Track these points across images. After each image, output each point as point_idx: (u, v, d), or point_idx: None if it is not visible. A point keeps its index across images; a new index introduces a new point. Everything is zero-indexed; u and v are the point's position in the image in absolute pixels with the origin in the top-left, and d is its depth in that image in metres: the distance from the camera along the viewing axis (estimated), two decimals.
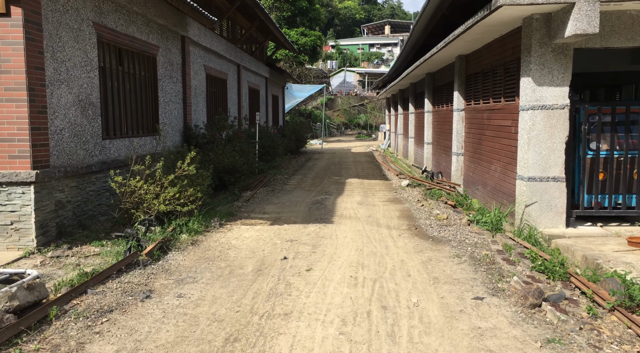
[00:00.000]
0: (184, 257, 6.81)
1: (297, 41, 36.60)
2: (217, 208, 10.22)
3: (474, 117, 12.22)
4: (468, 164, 12.72)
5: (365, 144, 37.70)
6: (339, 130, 52.18)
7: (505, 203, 9.56)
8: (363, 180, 16.05)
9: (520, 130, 8.61)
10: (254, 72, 21.61)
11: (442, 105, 16.07)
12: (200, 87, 14.58)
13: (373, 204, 11.27)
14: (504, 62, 9.94)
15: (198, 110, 14.34)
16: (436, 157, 16.82)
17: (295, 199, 12.01)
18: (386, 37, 78.25)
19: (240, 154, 13.10)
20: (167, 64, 11.98)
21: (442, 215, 9.67)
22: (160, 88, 11.61)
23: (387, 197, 12.49)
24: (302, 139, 26.78)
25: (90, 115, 8.63)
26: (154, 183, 8.04)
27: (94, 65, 8.78)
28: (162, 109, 11.77)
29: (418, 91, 20.84)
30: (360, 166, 20.69)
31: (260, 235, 8.24)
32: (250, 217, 9.82)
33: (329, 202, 11.48)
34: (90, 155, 8.63)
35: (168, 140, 12.07)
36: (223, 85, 17.20)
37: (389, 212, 10.35)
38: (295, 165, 20.60)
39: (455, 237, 8.14)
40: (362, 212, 10.31)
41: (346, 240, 7.87)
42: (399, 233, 8.46)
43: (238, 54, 18.50)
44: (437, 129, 16.71)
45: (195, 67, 14.11)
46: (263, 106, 24.01)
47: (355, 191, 13.46)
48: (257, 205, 11.18)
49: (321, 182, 15.54)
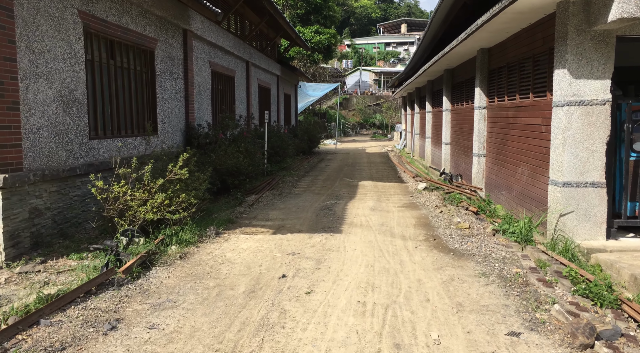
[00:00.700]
0: (168, 274, 5.92)
1: (312, 39, 35.66)
2: (215, 215, 9.35)
3: (497, 115, 11.18)
4: (491, 166, 11.67)
5: (380, 144, 36.64)
6: (354, 130, 51.15)
7: (535, 211, 8.52)
8: (377, 182, 15.07)
9: (554, 129, 7.58)
10: (264, 69, 20.73)
11: (461, 103, 15.01)
12: (205, 84, 13.74)
13: (387, 210, 10.29)
14: (533, 54, 8.91)
15: (202, 109, 13.50)
16: (455, 158, 15.76)
17: (302, 204, 11.08)
18: (402, 35, 76.86)
19: (245, 155, 12.22)
20: (166, 59, 11.14)
21: (463, 223, 8.66)
22: (158, 84, 10.77)
23: (402, 201, 11.50)
24: (315, 139, 25.83)
25: (74, 112, 7.81)
26: (142, 188, 7.19)
27: (80, 57, 7.96)
28: (161, 106, 10.94)
29: (435, 89, 19.78)
30: (374, 167, 19.70)
31: (259, 247, 7.33)
32: (252, 224, 8.91)
33: (338, 208, 10.53)
34: (75, 156, 7.81)
35: (168, 140, 11.24)
36: (230, 83, 16.34)
37: (404, 219, 9.36)
38: (307, 166, 19.68)
39: (479, 250, 7.13)
40: (374, 219, 9.34)
41: (355, 254, 6.91)
42: (415, 245, 7.48)
43: (247, 50, 17.64)
44: (456, 129, 15.64)
45: (199, 62, 13.26)
46: (274, 105, 23.13)
47: (368, 195, 12.49)
48: (260, 210, 10.28)
49: (332, 184, 14.59)
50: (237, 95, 16.95)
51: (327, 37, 36.55)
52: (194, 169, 8.53)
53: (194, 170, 8.52)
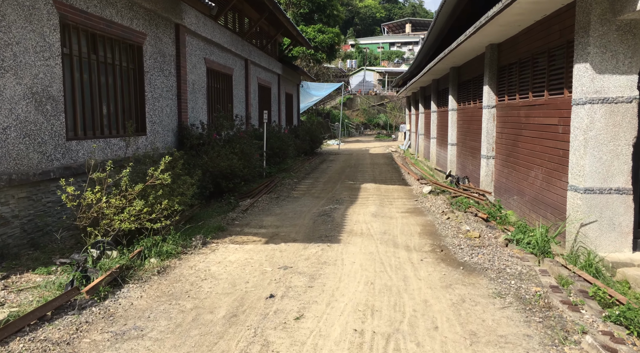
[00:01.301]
0: (141, 293, 5.21)
1: (315, 38, 34.88)
2: (205, 221, 8.63)
3: (507, 115, 10.42)
4: (500, 169, 10.92)
5: (384, 144, 35.86)
6: (358, 130, 50.37)
7: (550, 218, 7.77)
8: (380, 185, 14.32)
9: (574, 129, 6.82)
10: (264, 68, 20.01)
11: (468, 102, 14.25)
12: (200, 82, 13.03)
13: (390, 216, 9.54)
14: (548, 48, 8.15)
15: (197, 108, 12.80)
16: (461, 160, 14.99)
17: (300, 209, 10.35)
18: (407, 35, 75.92)
19: (240, 156, 11.51)
20: (156, 55, 10.44)
21: (473, 232, 7.90)
22: (147, 81, 10.08)
23: (406, 206, 10.75)
24: (317, 140, 25.07)
25: (49, 111, 7.12)
26: (119, 194, 6.48)
27: (55, 51, 7.26)
28: (151, 105, 10.24)
29: (441, 88, 19.01)
30: (377, 169, 18.94)
31: (249, 259, 6.61)
32: (243, 232, 8.19)
33: (338, 214, 9.79)
34: (49, 159, 7.11)
35: (158, 141, 10.54)
36: (228, 81, 15.63)
37: (408, 226, 8.62)
38: (308, 167, 18.94)
39: (492, 263, 6.38)
40: (376, 226, 8.59)
41: (354, 268, 6.18)
42: (420, 257, 6.74)
43: (246, 48, 16.92)
44: (463, 129, 14.88)
45: (194, 59, 12.56)
46: (275, 105, 22.41)
47: (370, 199, 11.75)
48: (254, 216, 9.55)
49: (333, 187, 13.85)
50: (236, 94, 16.24)
51: (330, 36, 35.76)
52: (180, 173, 7.82)
53: (180, 173, 7.81)
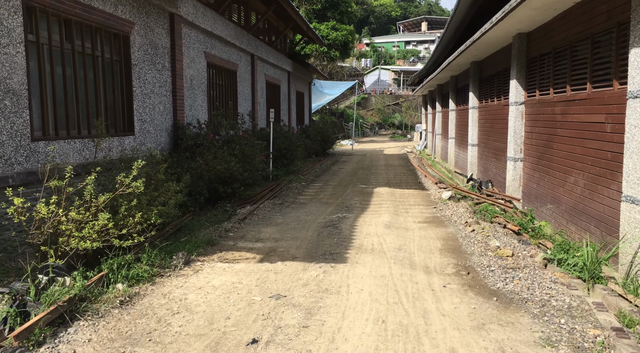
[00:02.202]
0: (91, 335, 4.10)
1: (328, 36, 33.74)
2: (193, 234, 7.51)
3: (539, 112, 9.15)
4: (530, 173, 9.65)
5: (399, 144, 34.55)
6: (372, 130, 49.07)
7: (596, 233, 6.52)
8: (394, 189, 13.12)
9: (630, 128, 5.57)
10: (273, 64, 18.90)
11: (491, 99, 12.96)
12: (199, 78, 11.96)
13: (405, 227, 8.34)
14: (591, 34, 6.89)
15: (195, 106, 11.73)
16: (483, 162, 13.70)
17: (305, 218, 9.20)
18: (423, 34, 74.26)
19: (240, 158, 10.40)
20: (147, 46, 9.38)
21: (504, 249, 6.67)
22: (136, 76, 9.02)
23: (424, 215, 9.53)
24: (329, 140, 23.89)
25: (7, 107, 6.07)
26: (81, 206, 5.39)
27: (16, 38, 6.21)
28: (140, 102, 9.18)
29: (460, 85, 17.71)
30: (392, 171, 17.71)
31: (236, 284, 5.48)
32: (236, 247, 7.06)
33: (346, 224, 8.61)
34: (7, 162, 6.07)
35: (149, 142, 9.47)
36: (232, 78, 14.55)
37: (427, 241, 7.41)
38: (318, 169, 17.79)
39: (532, 292, 5.16)
40: (389, 240, 7.40)
41: (361, 298, 5.01)
42: (443, 281, 5.55)
43: (252, 42, 15.82)
44: (485, 128, 13.59)
45: (192, 53, 11.49)
46: (285, 103, 21.29)
47: (384, 206, 10.55)
48: (252, 226, 8.42)
49: (344, 191, 12.68)
50: (241, 91, 15.15)
51: (344, 34, 34.58)
52: (162, 178, 6.72)
53: (162, 179, 6.71)
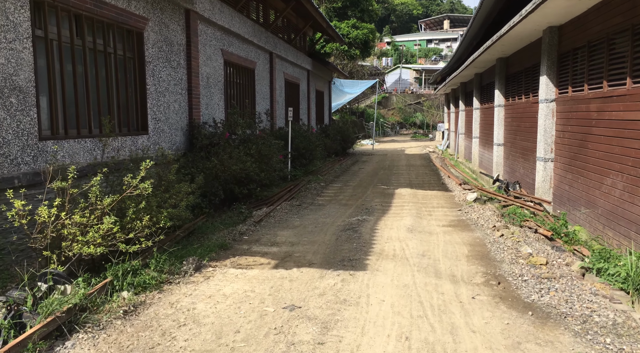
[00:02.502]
0: (89, 350, 3.78)
1: (348, 34, 33.28)
2: (206, 237, 7.19)
3: (572, 110, 8.60)
4: (562, 174, 9.09)
5: (421, 144, 33.91)
6: (393, 129, 48.44)
7: (637, 239, 5.99)
8: (417, 190, 12.64)
9: None
10: (292, 63, 18.56)
11: (519, 96, 12.38)
12: (216, 76, 11.68)
13: (429, 231, 7.89)
14: (632, 24, 6.37)
15: (212, 104, 11.45)
16: (510, 162, 13.12)
17: (323, 220, 8.81)
18: (445, 32, 73.12)
19: (257, 158, 10.07)
20: (161, 43, 9.11)
21: (537, 257, 6.17)
22: (150, 73, 8.75)
23: (448, 218, 9.06)
24: (349, 139, 23.46)
25: (13, 104, 5.83)
26: (87, 209, 5.10)
27: (23, 33, 5.97)
28: (154, 100, 8.92)
29: (485, 82, 17.11)
30: (414, 171, 17.21)
31: (248, 292, 5.12)
32: (250, 251, 6.71)
33: (366, 227, 8.19)
34: (13, 162, 5.83)
35: (163, 141, 9.20)
36: (250, 76, 14.24)
37: (452, 246, 6.95)
38: (338, 169, 17.38)
39: (571, 306, 4.69)
40: (412, 246, 6.96)
41: (382, 310, 4.60)
42: (471, 292, 5.10)
43: (270, 40, 15.50)
44: (512, 127, 13.01)
45: (208, 50, 11.20)
46: (304, 102, 20.94)
47: (406, 208, 10.10)
48: (268, 229, 8.06)
49: (364, 192, 12.26)
50: (259, 90, 14.84)
51: (364, 32, 34.08)
52: (173, 179, 6.41)
53: (173, 180, 6.40)
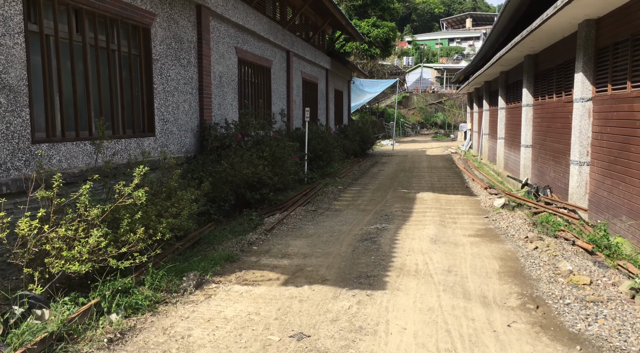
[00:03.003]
0: None
1: (369, 33, 32.60)
2: (213, 247, 6.64)
3: (612, 109, 7.83)
4: (599, 179, 8.31)
5: (442, 144, 33.01)
6: (414, 129, 47.52)
7: None
8: (439, 194, 11.93)
9: None
10: (310, 61, 17.98)
11: (549, 95, 11.58)
12: (229, 75, 11.16)
13: (455, 242, 7.21)
14: None
15: (225, 105, 10.94)
16: (539, 165, 12.31)
17: (339, 228, 8.20)
18: (467, 30, 71.67)
19: (270, 161, 9.51)
20: (170, 40, 8.62)
21: (579, 275, 5.45)
22: (157, 72, 8.26)
23: (475, 226, 8.36)
24: (368, 140, 22.77)
25: (3, 105, 5.35)
26: (75, 221, 4.59)
27: (15, 27, 5.50)
28: (162, 100, 8.43)
29: (511, 81, 16.26)
30: (436, 173, 16.47)
31: (253, 314, 4.54)
32: (259, 264, 6.14)
33: (386, 237, 7.55)
34: (3, 168, 5.36)
35: (172, 143, 8.71)
36: (265, 75, 13.71)
37: (481, 260, 6.27)
38: (356, 171, 16.74)
39: (625, 338, 3.99)
40: (437, 259, 6.31)
41: (404, 343, 3.96)
42: (507, 319, 4.44)
43: (287, 38, 14.95)
44: (542, 128, 12.20)
45: (221, 48, 10.69)
46: (322, 102, 20.34)
47: (428, 214, 9.42)
48: (280, 238, 7.48)
49: (383, 197, 11.60)
50: (275, 89, 14.30)
51: (385, 31, 33.33)
52: (175, 186, 5.88)
53: (175, 187, 5.87)
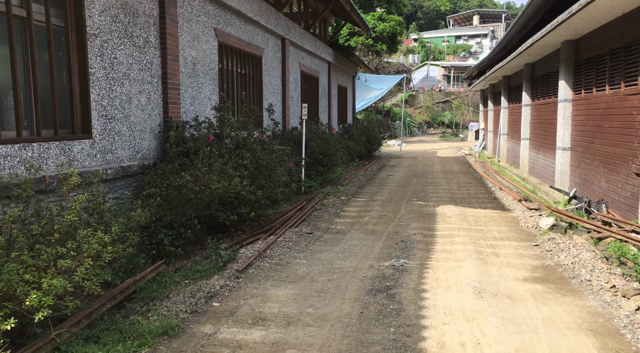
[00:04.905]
0: None
1: (374, 27, 30.31)
2: (148, 309, 4.36)
3: None
4: None
5: (452, 145, 30.61)
6: (420, 129, 45.12)
7: None
8: (464, 208, 9.62)
9: None
10: (309, 52, 15.68)
11: (598, 87, 9.21)
12: (207, 63, 8.90)
13: (509, 295, 4.87)
14: None
15: (200, 98, 8.68)
16: (582, 172, 9.93)
17: (341, 264, 5.91)
18: (474, 28, 68.91)
19: (253, 169, 7.23)
20: (117, 11, 6.35)
21: None
22: (96, 51, 6.00)
23: (526, 261, 6.03)
24: (375, 141, 20.43)
25: None
26: None
27: None
28: (104, 90, 6.17)
29: (538, 73, 13.88)
30: (453, 180, 14.13)
31: None
32: (214, 342, 3.84)
33: (408, 286, 5.21)
34: None
35: (119, 148, 6.45)
36: (255, 65, 11.43)
37: (563, 335, 3.94)
38: (362, 177, 14.41)
39: None
40: (491, 334, 3.98)
41: None
42: None
43: (282, 23, 12.67)
44: (586, 127, 9.83)
45: (195, 28, 8.43)
46: (324, 99, 18.02)
47: (458, 240, 7.11)
48: (256, 285, 5.18)
49: (396, 211, 9.30)
50: (267, 82, 12.02)
51: (391, 25, 31.02)
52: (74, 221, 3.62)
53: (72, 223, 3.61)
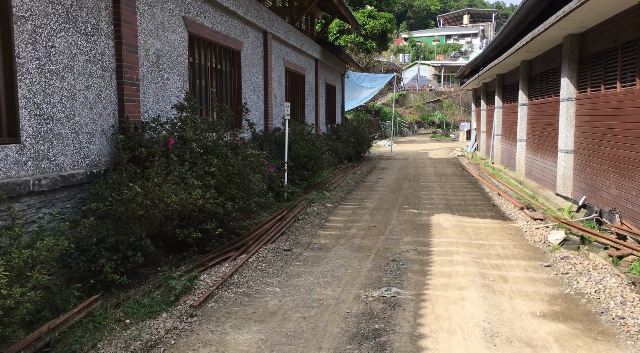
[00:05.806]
0: None
1: (364, 25, 29.35)
2: None
3: None
4: None
5: (443, 145, 29.73)
6: (411, 129, 44.27)
7: None
8: (461, 218, 8.65)
9: None
10: (295, 48, 14.64)
11: (607, 85, 8.25)
12: (174, 56, 7.84)
13: (528, 342, 3.86)
14: None
15: (166, 96, 7.62)
16: (587, 177, 8.98)
17: (320, 293, 4.91)
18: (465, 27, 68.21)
19: (223, 178, 6.19)
20: None
21: None
22: (25, 38, 4.93)
23: (540, 288, 5.06)
24: (364, 142, 19.45)
25: None
26: None
27: None
28: (37, 84, 5.10)
29: (536, 71, 12.96)
30: (448, 184, 13.17)
31: None
32: None
33: (402, 331, 4.19)
34: None
35: (59, 153, 5.39)
36: (233, 60, 10.37)
37: None
38: (351, 181, 13.40)
39: None
40: None
41: None
42: None
43: (264, 15, 11.62)
44: (593, 128, 8.88)
45: (159, 15, 7.37)
46: (311, 98, 16.98)
47: (458, 260, 6.12)
48: (213, 327, 4.14)
49: (386, 222, 8.31)
50: (246, 79, 10.97)
51: (382, 22, 30.05)
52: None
53: None
